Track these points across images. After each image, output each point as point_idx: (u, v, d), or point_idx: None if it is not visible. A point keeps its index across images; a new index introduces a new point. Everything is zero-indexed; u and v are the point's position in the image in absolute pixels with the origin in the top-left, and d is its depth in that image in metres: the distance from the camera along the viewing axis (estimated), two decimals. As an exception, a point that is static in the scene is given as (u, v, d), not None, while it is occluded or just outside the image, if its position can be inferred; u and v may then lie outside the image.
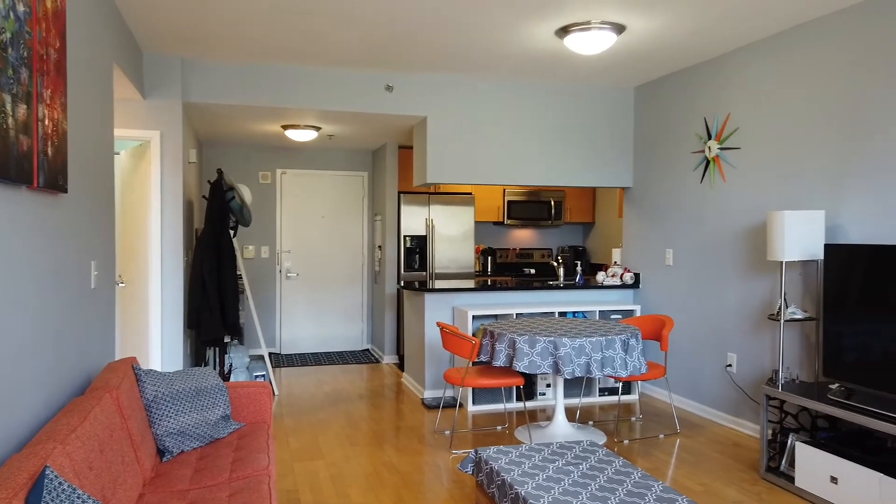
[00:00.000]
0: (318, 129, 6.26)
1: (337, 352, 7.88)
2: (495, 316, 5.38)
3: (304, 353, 7.77)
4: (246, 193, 5.63)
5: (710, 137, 4.96)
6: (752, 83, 4.55)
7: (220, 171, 5.52)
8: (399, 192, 7.07)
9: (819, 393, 3.56)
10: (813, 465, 3.40)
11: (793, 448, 3.65)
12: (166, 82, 4.87)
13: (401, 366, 7.00)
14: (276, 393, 5.82)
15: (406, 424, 4.85)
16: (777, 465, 3.75)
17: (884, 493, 3.02)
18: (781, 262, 3.97)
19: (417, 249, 7.06)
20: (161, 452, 2.91)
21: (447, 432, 4.65)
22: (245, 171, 7.60)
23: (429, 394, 5.52)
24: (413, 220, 7.03)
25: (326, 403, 5.47)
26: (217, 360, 5.68)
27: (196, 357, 5.85)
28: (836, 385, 3.60)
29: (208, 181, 5.60)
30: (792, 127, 4.23)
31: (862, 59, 3.74)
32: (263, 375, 5.80)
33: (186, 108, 5.21)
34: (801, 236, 3.80)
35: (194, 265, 5.18)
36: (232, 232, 5.66)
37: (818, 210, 3.91)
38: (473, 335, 5.20)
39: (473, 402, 5.24)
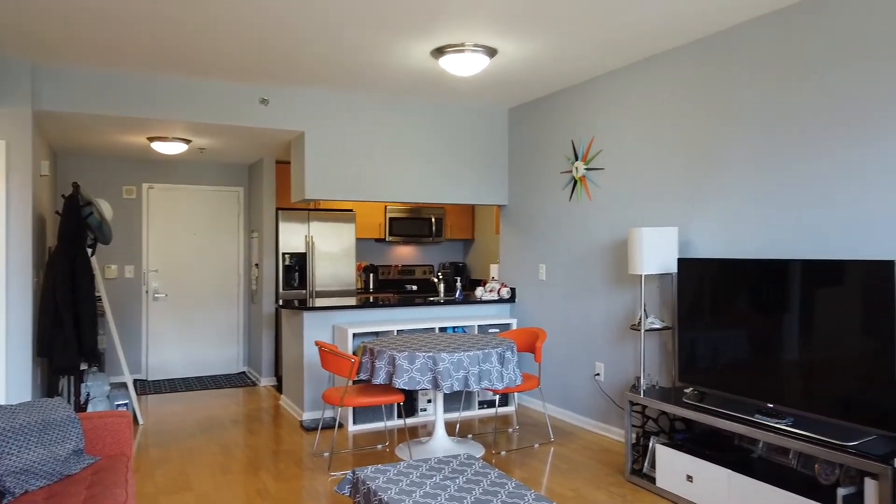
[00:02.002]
0: (188, 141, 5.98)
1: (210, 376, 7.50)
2: (376, 333, 5.35)
3: (173, 379, 7.33)
4: (105, 208, 5.26)
5: (577, 158, 5.24)
6: (613, 108, 4.87)
7: (75, 185, 5.12)
8: (277, 209, 6.89)
9: (675, 397, 3.82)
10: (671, 465, 3.64)
11: (654, 450, 3.90)
12: (13, 88, 4.47)
13: (279, 388, 6.77)
14: (141, 422, 5.43)
15: (284, 448, 4.69)
16: (641, 468, 3.98)
17: (732, 488, 3.28)
18: (641, 276, 4.25)
19: (297, 267, 6.89)
20: (1, 494, 2.62)
21: (326, 454, 4.54)
22: (107, 185, 7.11)
23: (308, 415, 5.37)
24: (292, 236, 6.86)
25: (197, 431, 5.17)
26: (72, 389, 5.22)
27: (48, 387, 5.35)
28: (691, 389, 3.89)
29: (63, 195, 5.18)
30: (648, 150, 4.56)
31: (702, 91, 4.11)
32: (126, 404, 5.40)
33: (37, 116, 4.81)
34: (657, 251, 4.09)
35: (45, 287, 4.75)
36: (90, 250, 5.26)
37: (672, 227, 4.23)
38: (354, 353, 5.14)
39: (354, 422, 5.17)
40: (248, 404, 6.08)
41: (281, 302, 5.80)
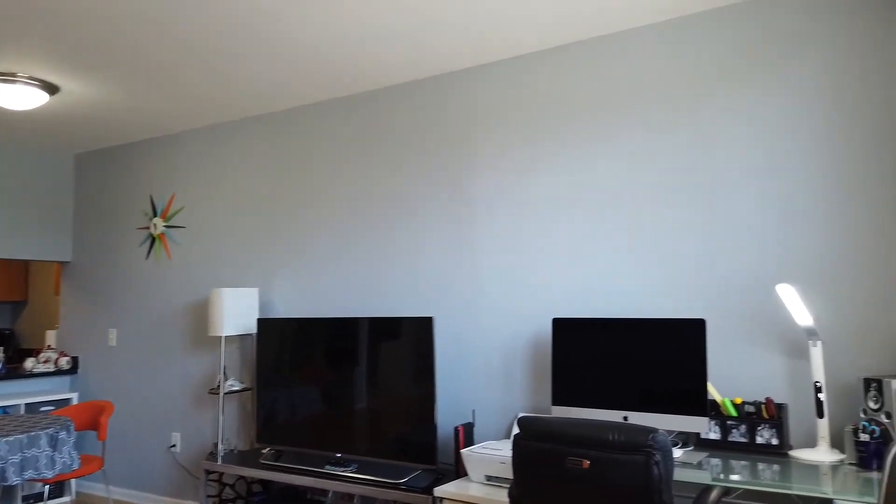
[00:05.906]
0: None
1: None
2: None
3: None
4: None
5: (155, 214, 4.94)
6: (197, 166, 4.77)
7: None
8: None
9: (253, 460, 3.79)
10: (248, 530, 3.56)
11: (231, 518, 3.77)
12: None
13: None
14: None
15: None
16: (217, 539, 3.80)
17: (304, 542, 3.37)
18: (222, 337, 4.17)
19: None
20: None
21: None
22: None
23: None
24: None
25: None
26: None
27: None
28: (268, 449, 3.91)
29: None
30: (232, 211, 4.57)
31: (286, 159, 4.35)
32: None
33: None
34: (238, 312, 4.08)
35: None
36: None
37: (253, 288, 4.28)
38: None
39: None
40: None
41: None
